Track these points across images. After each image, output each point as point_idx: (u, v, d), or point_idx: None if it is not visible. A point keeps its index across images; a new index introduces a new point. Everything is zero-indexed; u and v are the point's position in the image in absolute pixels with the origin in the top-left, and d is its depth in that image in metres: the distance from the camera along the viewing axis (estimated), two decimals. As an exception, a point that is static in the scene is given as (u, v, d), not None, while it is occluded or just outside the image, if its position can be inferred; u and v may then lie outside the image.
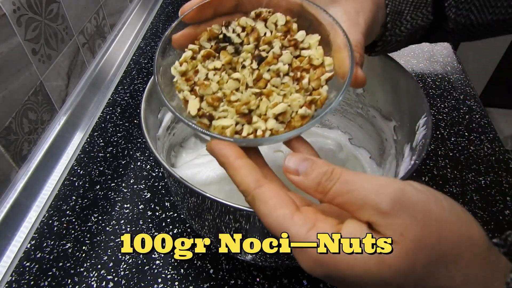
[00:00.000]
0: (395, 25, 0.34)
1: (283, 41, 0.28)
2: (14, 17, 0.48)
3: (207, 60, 0.29)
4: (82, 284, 0.43)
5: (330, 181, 0.22)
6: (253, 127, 0.26)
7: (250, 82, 0.28)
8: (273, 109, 0.26)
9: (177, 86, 0.29)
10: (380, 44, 0.36)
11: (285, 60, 0.28)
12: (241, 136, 0.26)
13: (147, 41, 0.83)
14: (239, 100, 0.27)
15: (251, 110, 0.27)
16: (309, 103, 0.26)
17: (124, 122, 0.64)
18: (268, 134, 0.26)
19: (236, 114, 0.27)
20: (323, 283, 0.43)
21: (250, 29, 0.29)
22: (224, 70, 0.29)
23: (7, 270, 0.45)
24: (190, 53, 0.29)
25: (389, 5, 0.34)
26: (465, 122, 0.63)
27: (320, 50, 0.28)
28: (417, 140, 0.37)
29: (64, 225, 0.49)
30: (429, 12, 0.34)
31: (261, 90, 0.27)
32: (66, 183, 0.55)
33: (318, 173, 0.22)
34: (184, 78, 0.29)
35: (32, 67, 0.53)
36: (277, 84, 0.27)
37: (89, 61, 0.70)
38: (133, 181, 0.54)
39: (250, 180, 0.23)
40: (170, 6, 0.95)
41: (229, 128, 0.26)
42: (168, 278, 0.44)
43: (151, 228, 0.49)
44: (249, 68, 0.28)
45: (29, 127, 0.53)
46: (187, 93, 0.28)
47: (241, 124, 0.27)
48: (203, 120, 0.27)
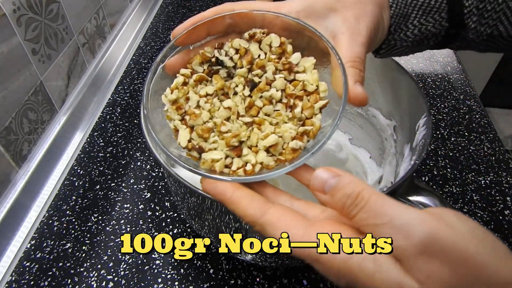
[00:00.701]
0: (399, 29, 0.32)
1: (277, 64, 0.28)
2: (14, 17, 0.48)
3: (200, 84, 0.29)
4: (82, 284, 0.43)
5: (354, 207, 0.20)
6: (243, 161, 0.26)
7: (242, 110, 0.27)
8: (264, 141, 0.25)
9: (167, 115, 0.28)
10: (384, 47, 0.34)
11: (278, 86, 0.27)
12: (231, 171, 0.26)
13: (147, 41, 0.83)
14: (230, 131, 0.26)
15: (242, 141, 0.26)
16: (301, 134, 0.26)
17: (124, 122, 0.64)
18: (258, 168, 0.25)
19: (226, 147, 0.26)
20: (323, 283, 0.43)
21: (243, 52, 0.28)
22: (216, 96, 0.28)
23: (7, 270, 0.45)
24: (181, 78, 0.29)
25: (392, 7, 0.32)
26: (465, 122, 0.63)
27: (315, 74, 0.27)
28: (417, 140, 0.37)
29: (64, 225, 0.49)
30: (443, 18, 0.31)
31: (253, 119, 0.27)
32: (66, 183, 0.55)
33: (343, 195, 0.21)
34: (174, 106, 0.28)
35: (32, 67, 0.53)
36: (270, 112, 0.27)
37: (89, 61, 0.70)
38: (133, 181, 0.54)
39: (253, 210, 0.23)
40: (170, 6, 0.95)
41: (219, 162, 0.26)
42: (168, 278, 0.44)
43: (151, 228, 0.49)
44: (241, 95, 0.27)
45: (29, 127, 0.53)
46: (177, 122, 0.28)
47: (230, 157, 0.26)
48: (192, 153, 0.27)
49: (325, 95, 0.27)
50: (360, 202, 0.20)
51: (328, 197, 0.22)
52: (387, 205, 0.20)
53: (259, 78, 0.28)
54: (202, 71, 0.29)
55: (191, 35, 0.29)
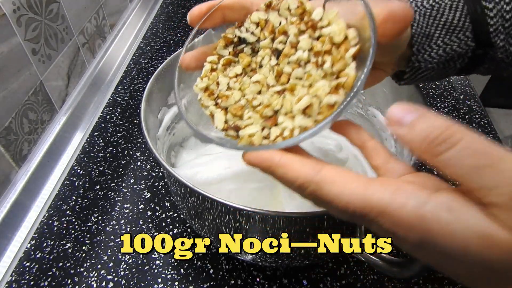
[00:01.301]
0: (423, 50, 0.30)
1: (299, 25, 0.26)
2: (14, 17, 0.48)
3: (228, 67, 0.29)
4: (82, 284, 0.43)
5: (443, 142, 0.17)
6: (280, 129, 0.25)
7: (271, 80, 0.26)
8: (297, 105, 0.24)
9: (201, 104, 0.28)
10: (408, 70, 0.32)
11: (304, 47, 0.26)
12: (271, 141, 0.25)
13: (147, 41, 0.83)
14: (262, 103, 0.26)
15: (277, 111, 0.25)
16: (336, 88, 0.24)
17: (124, 122, 0.64)
18: (297, 132, 0.24)
19: (261, 119, 0.25)
20: (323, 283, 0.43)
21: (263, 23, 0.28)
22: (246, 74, 0.28)
23: (7, 270, 0.45)
24: (209, 66, 0.29)
25: (413, 26, 0.30)
26: (465, 122, 0.63)
27: (341, 24, 0.25)
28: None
29: (64, 225, 0.49)
30: (468, 38, 0.29)
31: (284, 86, 0.26)
32: (66, 183, 0.55)
33: (428, 126, 0.18)
34: (206, 93, 0.28)
35: (32, 67, 0.53)
36: (301, 75, 0.25)
37: (89, 61, 0.70)
38: (133, 181, 0.54)
39: (307, 168, 0.21)
40: (170, 6, 0.95)
41: (256, 135, 0.25)
42: (168, 278, 0.44)
43: (151, 228, 0.49)
44: (267, 66, 0.27)
45: (29, 127, 0.53)
46: (212, 107, 0.28)
47: (267, 128, 0.25)
48: (230, 133, 0.26)
49: (356, 42, 0.25)
50: (452, 137, 0.17)
51: (407, 129, 0.19)
52: (489, 145, 0.17)
53: (284, 44, 0.27)
54: (228, 54, 0.29)
55: (208, 17, 0.29)
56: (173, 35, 0.85)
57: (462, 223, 0.17)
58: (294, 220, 0.33)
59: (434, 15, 0.30)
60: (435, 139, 0.18)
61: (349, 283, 0.43)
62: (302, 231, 0.34)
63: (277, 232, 0.34)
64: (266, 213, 0.31)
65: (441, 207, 0.17)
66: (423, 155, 0.18)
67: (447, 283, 0.42)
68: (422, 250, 0.19)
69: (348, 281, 0.43)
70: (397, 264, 0.33)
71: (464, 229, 0.17)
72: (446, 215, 0.17)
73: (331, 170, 0.21)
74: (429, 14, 0.30)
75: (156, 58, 0.78)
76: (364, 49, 0.24)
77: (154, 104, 0.43)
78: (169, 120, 0.47)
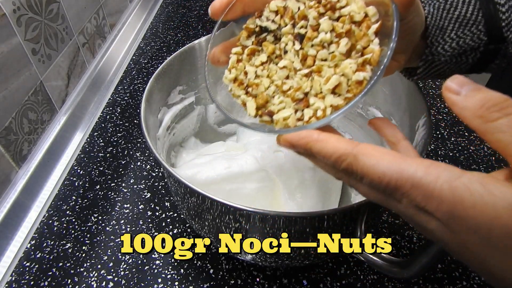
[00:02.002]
0: (436, 42, 0.31)
1: (318, 8, 0.27)
2: (14, 17, 0.48)
3: (253, 57, 0.29)
4: (82, 284, 0.43)
5: (499, 110, 0.19)
6: (313, 109, 0.26)
7: (297, 64, 0.27)
8: (326, 85, 0.25)
9: (233, 94, 0.30)
10: (422, 64, 0.32)
11: (325, 28, 0.26)
12: (305, 122, 0.26)
13: (147, 41, 0.83)
14: (292, 87, 0.27)
15: (307, 93, 0.26)
16: (362, 65, 0.25)
17: (124, 122, 0.64)
18: (330, 111, 0.25)
19: (293, 102, 0.26)
20: (323, 283, 0.43)
21: (282, 10, 0.29)
22: (271, 61, 0.29)
23: (7, 270, 0.45)
24: (235, 57, 0.30)
25: (428, 18, 0.30)
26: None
27: (360, 2, 0.26)
28: (417, 140, 0.37)
29: (64, 225, 0.49)
30: (480, 32, 0.30)
31: (311, 68, 0.26)
32: (66, 183, 0.55)
33: (485, 96, 0.19)
34: (236, 83, 0.29)
35: (32, 67, 0.53)
36: (326, 57, 0.26)
37: (89, 61, 0.70)
38: (133, 181, 0.54)
39: (344, 143, 0.22)
40: (170, 6, 0.95)
41: (290, 118, 0.26)
42: (168, 278, 0.44)
43: (151, 228, 0.49)
44: (292, 51, 0.28)
45: (29, 127, 0.53)
46: (243, 96, 0.29)
47: (300, 110, 0.26)
48: (264, 119, 0.27)
49: (376, 18, 0.26)
50: (508, 107, 0.18)
51: (463, 97, 0.20)
52: None
53: (305, 28, 0.27)
54: (251, 44, 0.30)
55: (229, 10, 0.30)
56: (173, 35, 0.85)
57: (494, 195, 0.17)
58: (294, 220, 0.33)
59: (447, 8, 0.30)
60: (491, 107, 0.19)
61: (349, 283, 0.43)
62: (302, 231, 0.34)
63: (277, 232, 0.34)
64: (266, 213, 0.31)
65: (474, 180, 0.18)
66: (474, 120, 0.19)
67: (447, 283, 0.43)
68: (450, 226, 0.19)
69: (348, 281, 0.43)
70: (397, 264, 0.33)
71: (495, 201, 0.17)
72: (478, 187, 0.18)
73: (367, 145, 0.22)
74: (443, 7, 0.30)
75: (156, 58, 0.78)
76: (386, 25, 0.25)
77: (154, 104, 0.43)
78: (169, 120, 0.47)
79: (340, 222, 0.34)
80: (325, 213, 0.32)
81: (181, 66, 0.46)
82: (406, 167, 0.19)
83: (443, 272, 0.43)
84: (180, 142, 0.53)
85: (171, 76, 0.46)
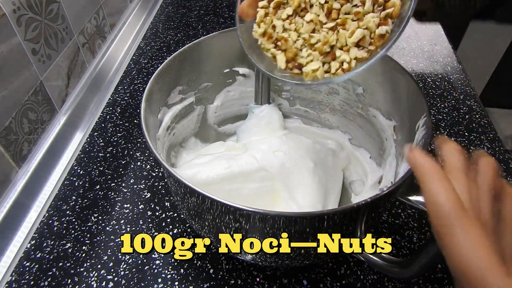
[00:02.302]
0: None
1: None
2: (14, 17, 0.48)
3: (279, 10, 0.30)
4: (82, 284, 0.43)
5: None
6: (339, 62, 0.27)
7: (323, 18, 0.28)
8: (351, 38, 0.26)
9: (263, 47, 0.31)
10: (431, 5, 0.33)
11: None
12: (331, 74, 0.27)
13: (147, 41, 0.83)
14: (319, 40, 0.28)
15: (333, 46, 0.27)
16: (384, 18, 0.26)
17: (124, 122, 0.64)
18: (354, 64, 0.26)
19: (320, 55, 0.28)
20: (323, 283, 0.43)
21: None
22: (297, 15, 0.29)
23: (7, 270, 0.45)
24: (262, 11, 0.31)
25: None
26: (465, 122, 0.63)
27: None
28: (417, 140, 0.37)
29: (64, 225, 0.49)
30: None
31: (336, 22, 0.28)
32: (66, 183, 0.55)
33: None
34: (266, 37, 0.30)
35: (32, 67, 0.53)
36: (349, 10, 0.27)
37: (89, 61, 0.70)
38: (133, 181, 0.54)
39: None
40: (170, 6, 0.95)
41: (319, 70, 0.27)
42: (168, 278, 0.44)
43: (151, 228, 0.49)
44: (317, 5, 0.28)
45: (29, 127, 0.53)
46: (273, 50, 0.30)
47: (327, 63, 0.27)
48: (294, 71, 0.29)
49: None
50: None
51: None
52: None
53: None
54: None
55: None
56: (173, 35, 0.85)
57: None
58: (294, 220, 0.33)
59: None
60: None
61: (349, 283, 0.43)
62: (302, 231, 0.34)
63: (277, 232, 0.34)
64: (266, 213, 0.31)
65: None
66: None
67: (447, 283, 0.42)
68: None
69: (348, 281, 0.43)
70: (397, 264, 0.33)
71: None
72: None
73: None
74: None
75: (156, 58, 0.78)
76: None
77: (154, 104, 0.43)
78: (169, 120, 0.47)
79: (340, 222, 0.33)
80: (325, 213, 0.32)
81: (181, 66, 0.46)
82: None
83: (443, 272, 0.43)
84: (180, 142, 0.53)
85: (171, 76, 0.46)
